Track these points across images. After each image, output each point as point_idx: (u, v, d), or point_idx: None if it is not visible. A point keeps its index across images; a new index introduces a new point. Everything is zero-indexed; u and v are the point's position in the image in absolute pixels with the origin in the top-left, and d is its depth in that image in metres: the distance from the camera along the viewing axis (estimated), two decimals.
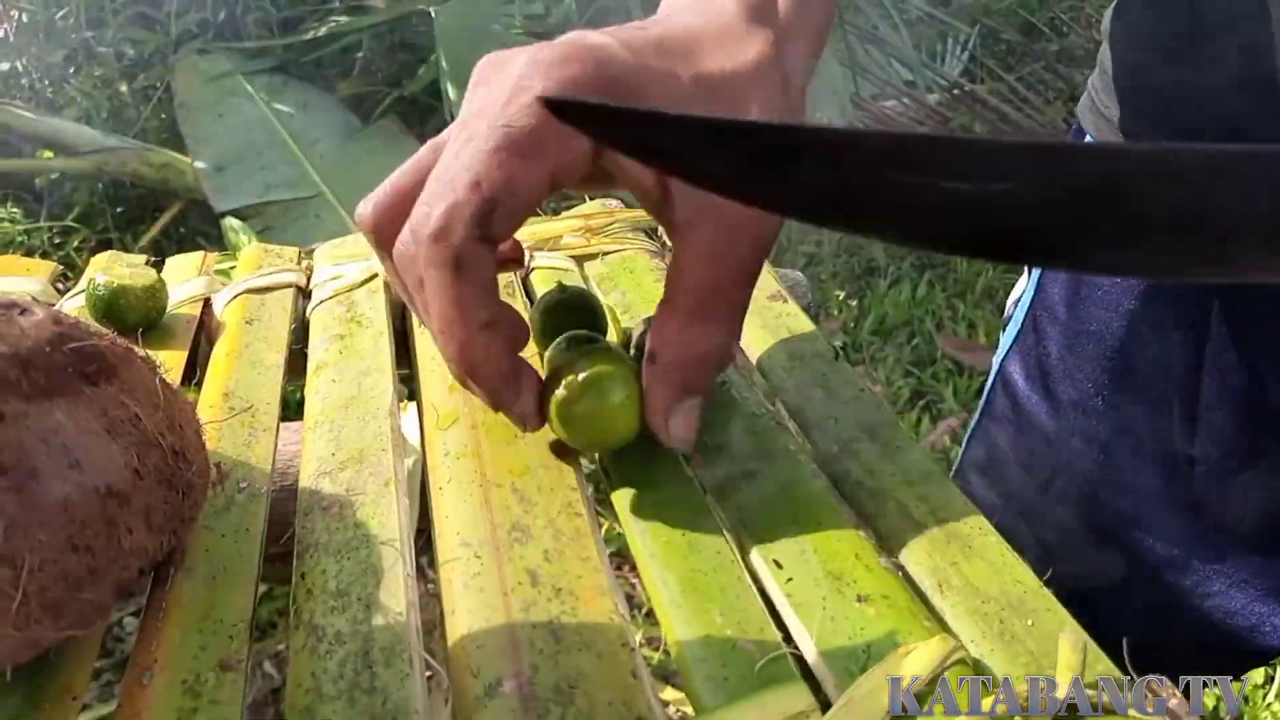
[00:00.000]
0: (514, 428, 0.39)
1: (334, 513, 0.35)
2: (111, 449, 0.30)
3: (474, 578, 0.32)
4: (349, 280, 0.50)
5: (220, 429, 0.40)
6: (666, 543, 0.33)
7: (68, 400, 0.30)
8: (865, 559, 0.32)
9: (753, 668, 0.28)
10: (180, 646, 0.30)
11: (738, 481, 0.36)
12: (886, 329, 1.76)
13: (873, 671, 0.27)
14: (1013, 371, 0.58)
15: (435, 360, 0.44)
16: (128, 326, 0.45)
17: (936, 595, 0.31)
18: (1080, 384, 0.54)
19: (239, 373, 0.43)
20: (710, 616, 0.30)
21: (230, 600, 0.32)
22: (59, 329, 0.31)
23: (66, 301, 0.49)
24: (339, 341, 0.46)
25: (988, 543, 0.32)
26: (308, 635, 0.30)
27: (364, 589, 0.32)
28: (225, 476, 0.37)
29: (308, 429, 0.40)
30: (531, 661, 0.29)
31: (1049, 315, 0.55)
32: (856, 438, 0.38)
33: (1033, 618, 0.30)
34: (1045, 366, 0.55)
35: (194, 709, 0.28)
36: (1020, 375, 0.57)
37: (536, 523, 0.34)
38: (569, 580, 0.32)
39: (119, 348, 0.33)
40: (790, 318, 0.46)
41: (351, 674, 0.29)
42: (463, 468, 0.37)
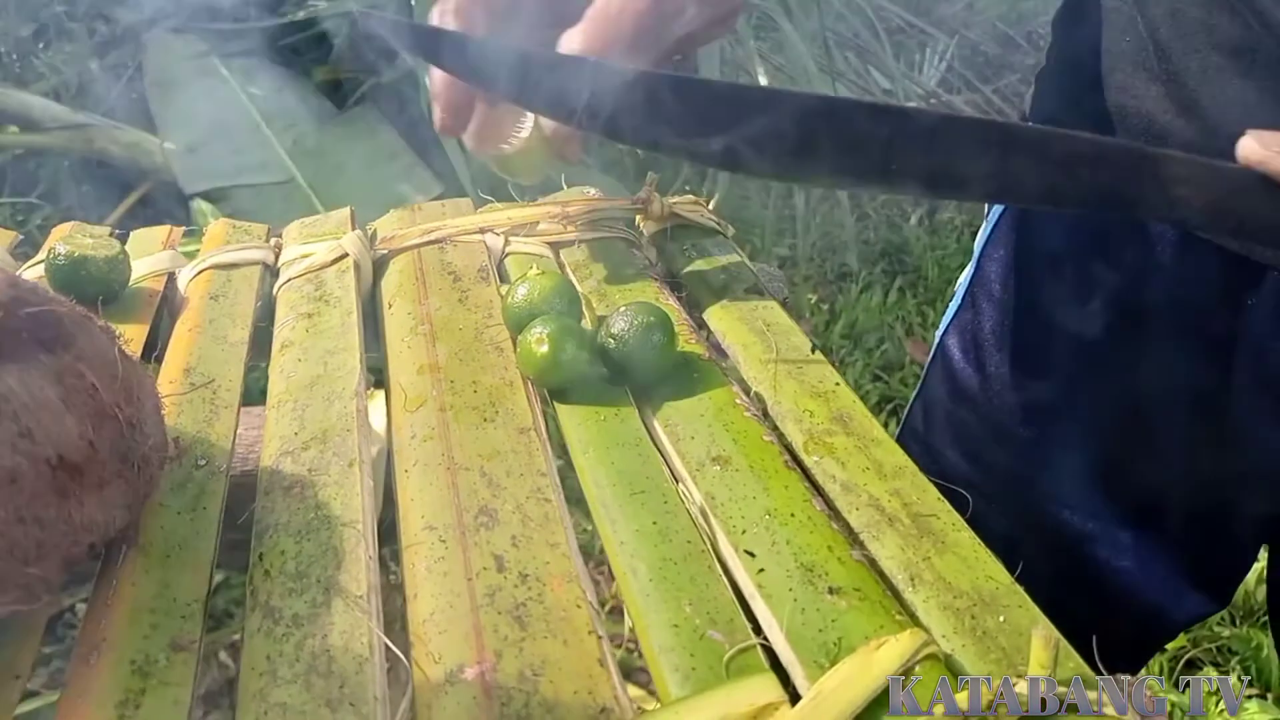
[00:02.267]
0: (484, 411, 0.38)
1: (295, 493, 0.34)
2: (65, 419, 0.29)
3: (438, 562, 0.31)
4: (318, 259, 0.49)
5: (180, 405, 0.39)
6: (637, 531, 0.33)
7: (20, 366, 0.29)
8: (838, 551, 0.31)
9: (721, 658, 0.28)
10: (130, 625, 0.29)
11: (710, 471, 0.35)
12: (857, 333, 1.77)
13: (844, 664, 0.27)
14: (950, 345, 0.60)
15: (405, 342, 0.43)
16: (87, 298, 0.44)
17: (908, 589, 0.30)
18: (1008, 360, 0.56)
19: (201, 348, 0.42)
20: (679, 606, 0.30)
21: (184, 579, 0.31)
22: (15, 293, 0.30)
23: (25, 271, 0.48)
24: (306, 320, 0.44)
25: (960, 538, 0.32)
26: (264, 617, 0.29)
27: (324, 571, 0.31)
28: (184, 452, 0.35)
29: (271, 407, 0.39)
30: (495, 648, 0.28)
31: (986, 293, 0.57)
32: (830, 431, 0.38)
33: (1004, 614, 0.29)
34: (979, 341, 0.57)
35: (142, 689, 0.27)
36: (957, 349, 0.59)
37: (505, 507, 0.33)
38: (536, 566, 0.31)
39: (77, 315, 0.32)
40: (767, 311, 0.46)
41: (308, 657, 0.28)
42: (430, 450, 0.36)
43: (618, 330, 0.39)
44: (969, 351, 0.59)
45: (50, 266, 0.44)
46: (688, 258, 0.51)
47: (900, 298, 1.87)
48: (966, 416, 0.58)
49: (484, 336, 0.43)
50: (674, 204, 0.54)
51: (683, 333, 0.43)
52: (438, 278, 0.48)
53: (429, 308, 0.45)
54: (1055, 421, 0.55)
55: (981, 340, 0.58)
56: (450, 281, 0.47)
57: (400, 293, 0.47)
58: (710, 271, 0.50)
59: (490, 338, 0.43)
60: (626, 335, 0.39)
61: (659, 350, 0.39)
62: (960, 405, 0.59)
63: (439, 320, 0.44)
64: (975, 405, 0.58)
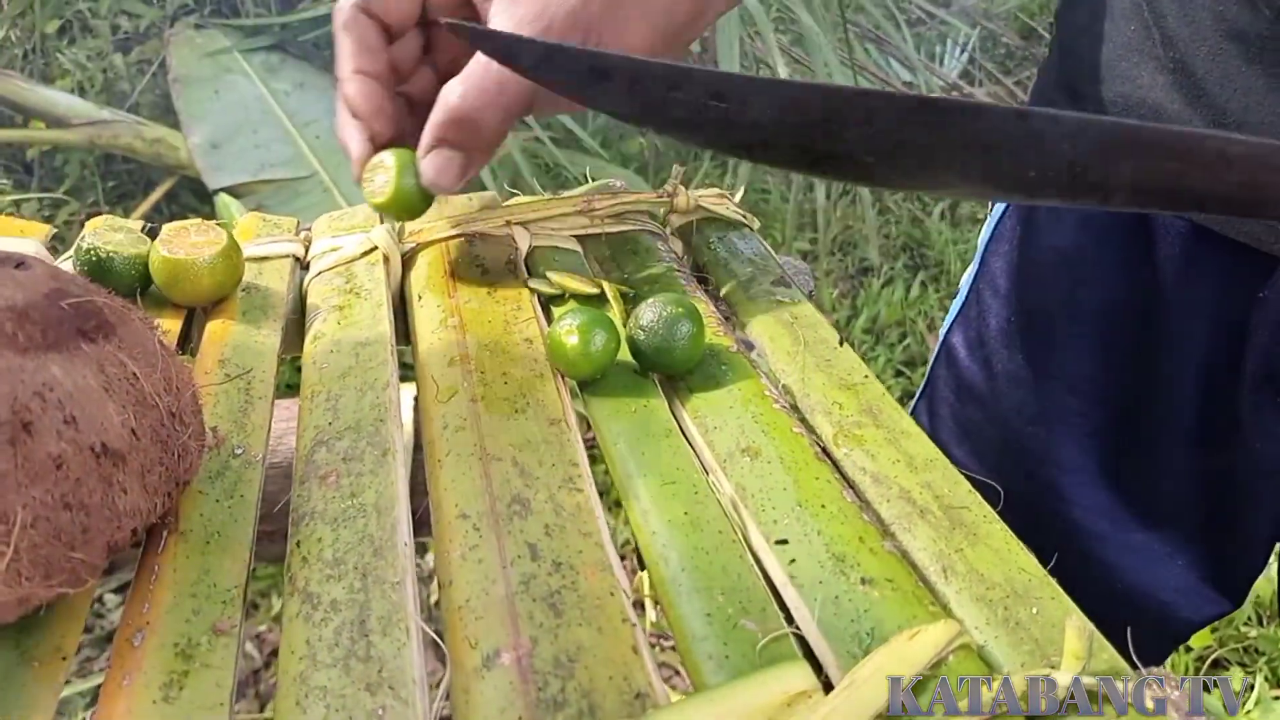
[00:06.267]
0: (515, 401, 0.38)
1: (331, 482, 0.35)
2: (108, 407, 0.29)
3: (472, 550, 0.32)
4: (348, 252, 0.49)
5: (215, 396, 0.39)
6: (669, 521, 0.33)
7: (65, 355, 0.29)
8: (869, 542, 0.32)
9: (754, 647, 0.28)
10: (173, 609, 0.29)
11: (740, 462, 0.35)
12: (878, 329, 1.76)
13: (878, 653, 0.27)
14: (955, 343, 0.59)
15: (435, 334, 0.43)
16: (120, 292, 0.44)
17: (940, 581, 0.31)
18: (1015, 357, 0.55)
19: (235, 340, 0.43)
20: (712, 595, 0.30)
21: (224, 565, 0.31)
22: (57, 284, 0.31)
23: (58, 264, 0.48)
24: (337, 312, 0.45)
25: (993, 530, 0.32)
26: (302, 602, 0.30)
27: (360, 557, 0.31)
28: (222, 441, 0.36)
29: (304, 399, 0.40)
30: (531, 634, 0.28)
31: (991, 290, 0.56)
32: (860, 423, 0.38)
33: (1037, 605, 0.29)
34: (985, 338, 0.57)
35: (185, 671, 0.27)
36: (962, 346, 0.59)
37: (537, 497, 0.34)
38: (569, 555, 0.31)
39: (117, 305, 0.32)
40: (794, 304, 0.46)
41: (347, 642, 0.28)
42: (462, 440, 0.36)
43: (646, 322, 0.39)
44: (974, 349, 0.58)
45: (81, 260, 0.44)
46: (713, 250, 0.51)
47: (922, 292, 1.86)
48: (973, 415, 0.58)
49: (513, 329, 0.43)
50: (699, 196, 0.54)
51: (710, 324, 0.43)
52: (466, 270, 0.48)
53: (458, 300, 0.46)
54: (1064, 419, 0.54)
55: (987, 338, 0.57)
56: (479, 274, 0.48)
57: (429, 285, 0.47)
58: (736, 264, 0.50)
59: (520, 330, 0.43)
60: (655, 327, 0.39)
61: (688, 342, 0.39)
62: (967, 404, 0.58)
63: (468, 313, 0.44)
64: (982, 403, 0.57)
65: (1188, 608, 0.56)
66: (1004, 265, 0.56)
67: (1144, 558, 0.55)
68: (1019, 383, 0.55)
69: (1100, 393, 0.53)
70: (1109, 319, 0.51)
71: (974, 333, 0.58)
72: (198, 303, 0.45)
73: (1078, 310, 0.52)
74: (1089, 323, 0.52)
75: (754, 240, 0.52)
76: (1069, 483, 0.55)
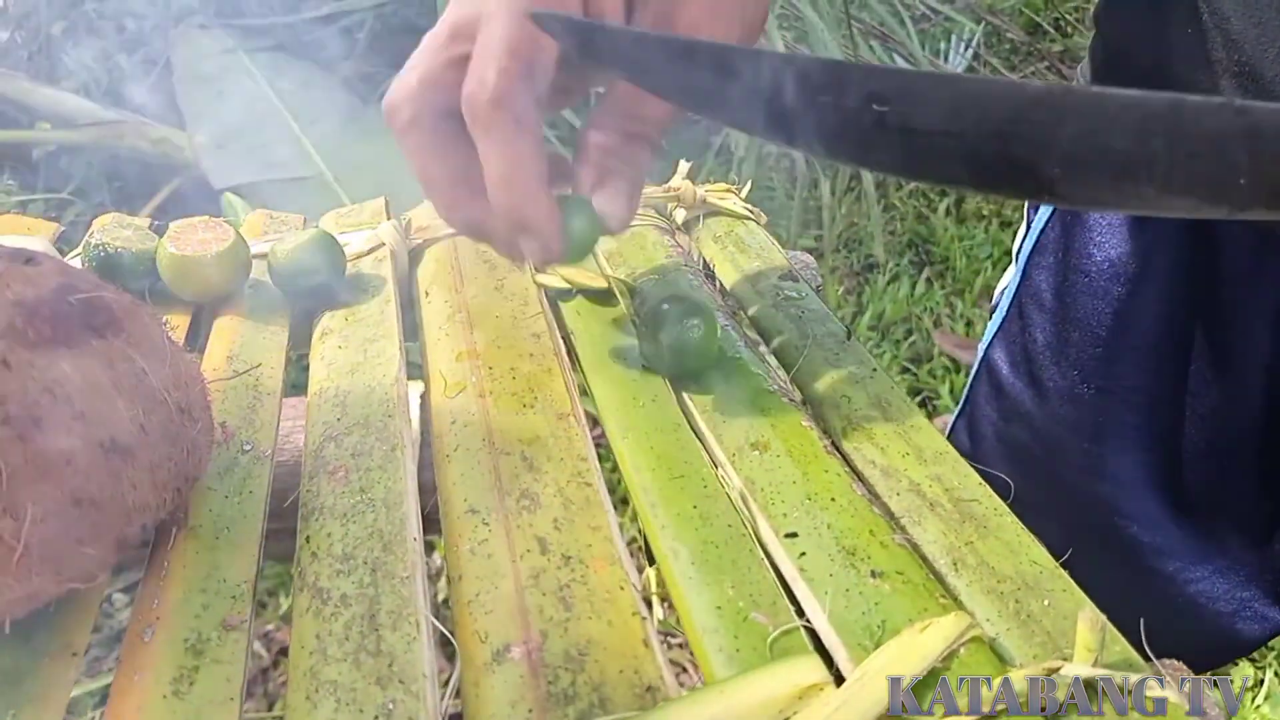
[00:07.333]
0: (523, 396, 0.38)
1: (340, 477, 0.35)
2: (117, 403, 0.29)
3: (481, 544, 0.32)
4: (355, 249, 0.49)
5: (224, 392, 0.39)
6: (678, 515, 0.33)
7: (74, 351, 0.29)
8: (879, 535, 0.31)
9: (765, 640, 0.28)
10: (183, 605, 0.29)
11: (749, 456, 0.35)
12: (884, 325, 1.76)
13: (889, 645, 0.27)
14: (998, 359, 0.58)
15: (443, 330, 0.43)
16: (128, 289, 0.44)
17: (951, 574, 0.30)
18: (1067, 372, 0.54)
19: (243, 336, 0.43)
20: (722, 588, 0.30)
21: (233, 561, 0.31)
22: (65, 280, 0.31)
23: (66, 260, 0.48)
24: (345, 309, 0.45)
25: (1003, 523, 0.32)
26: (312, 597, 0.30)
27: (370, 552, 0.31)
28: (230, 437, 0.36)
29: (313, 394, 0.40)
30: (541, 628, 0.28)
31: (1036, 303, 0.55)
32: (869, 416, 0.38)
33: (1049, 598, 0.29)
34: (1031, 354, 0.55)
35: (195, 666, 0.27)
36: (1005, 363, 0.57)
37: (546, 491, 0.33)
38: (579, 548, 0.31)
39: (125, 301, 0.32)
40: (801, 298, 0.46)
41: (357, 636, 0.28)
42: (470, 435, 0.36)
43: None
44: (1019, 365, 0.56)
45: (89, 257, 0.45)
46: (720, 245, 0.51)
47: (928, 289, 1.86)
48: (1019, 433, 0.56)
49: (521, 324, 0.43)
50: (706, 191, 0.54)
51: (718, 319, 0.43)
52: (473, 266, 0.48)
53: (465, 296, 0.45)
54: (1120, 434, 0.53)
55: (1034, 353, 0.55)
56: (486, 270, 0.47)
57: (436, 281, 0.47)
58: (743, 258, 0.50)
59: (527, 325, 0.43)
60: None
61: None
62: (1012, 422, 0.56)
63: (475, 308, 0.44)
64: (1030, 421, 0.55)
65: (1245, 624, 0.54)
66: (1048, 277, 0.54)
67: (1200, 571, 0.54)
68: (1071, 399, 0.54)
69: (1157, 404, 0.51)
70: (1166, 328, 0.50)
71: (1018, 348, 0.56)
72: (205, 299, 0.45)
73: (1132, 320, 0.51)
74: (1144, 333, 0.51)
75: (760, 235, 0.52)
76: (1125, 497, 0.54)
